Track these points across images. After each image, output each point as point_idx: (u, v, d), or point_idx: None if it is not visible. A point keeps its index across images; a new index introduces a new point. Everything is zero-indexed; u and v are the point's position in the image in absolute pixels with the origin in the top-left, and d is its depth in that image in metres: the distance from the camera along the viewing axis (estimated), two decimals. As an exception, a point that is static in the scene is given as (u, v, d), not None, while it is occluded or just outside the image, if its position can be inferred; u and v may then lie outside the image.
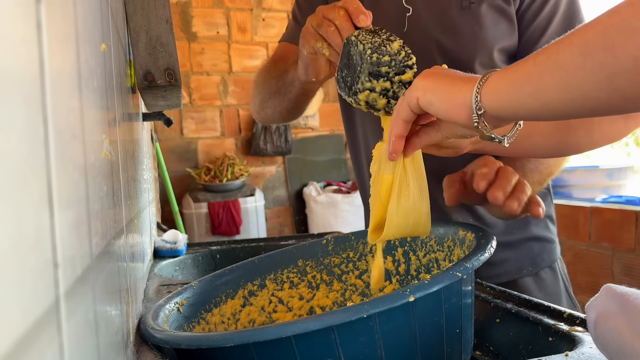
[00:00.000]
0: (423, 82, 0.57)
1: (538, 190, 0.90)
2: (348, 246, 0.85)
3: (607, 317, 0.48)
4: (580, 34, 0.45)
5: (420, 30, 0.96)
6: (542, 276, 1.02)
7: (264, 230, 3.75)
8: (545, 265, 1.02)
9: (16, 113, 0.20)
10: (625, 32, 0.42)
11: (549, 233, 1.05)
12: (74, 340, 0.27)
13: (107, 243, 0.42)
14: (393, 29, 0.97)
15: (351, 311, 0.49)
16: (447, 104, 0.54)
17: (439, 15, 0.94)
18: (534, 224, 1.02)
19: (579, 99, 0.46)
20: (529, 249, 1.01)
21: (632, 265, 2.18)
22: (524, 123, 0.60)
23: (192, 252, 1.32)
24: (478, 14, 0.92)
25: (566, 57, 0.46)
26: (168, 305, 0.70)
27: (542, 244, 1.03)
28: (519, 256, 1.01)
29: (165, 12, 0.84)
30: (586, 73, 0.44)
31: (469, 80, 0.54)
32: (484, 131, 0.54)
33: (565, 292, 1.04)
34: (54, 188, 0.25)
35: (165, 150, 3.61)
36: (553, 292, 1.01)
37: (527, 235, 1.01)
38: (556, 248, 1.06)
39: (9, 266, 0.19)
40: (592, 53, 0.44)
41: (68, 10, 0.32)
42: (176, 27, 3.57)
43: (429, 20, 0.95)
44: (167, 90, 0.87)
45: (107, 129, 0.47)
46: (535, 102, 0.49)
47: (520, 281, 1.00)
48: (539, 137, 0.76)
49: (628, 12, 0.42)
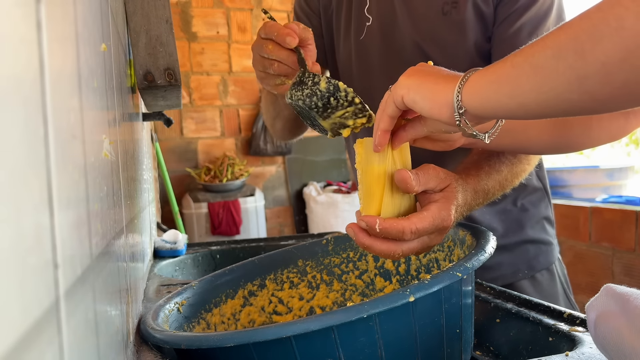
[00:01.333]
0: (408, 81, 0.58)
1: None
2: (348, 246, 0.85)
3: (607, 317, 0.48)
4: (554, 37, 0.47)
5: (402, 36, 0.97)
6: (539, 279, 1.01)
7: (264, 230, 3.75)
8: (542, 268, 1.02)
9: (16, 113, 0.20)
10: (595, 38, 0.43)
11: (546, 235, 1.04)
12: (74, 340, 0.27)
13: (107, 243, 0.42)
14: (356, 36, 1.00)
15: (351, 311, 0.49)
16: (430, 103, 0.56)
17: (420, 20, 0.95)
18: (530, 226, 1.01)
19: (552, 100, 0.48)
20: (525, 251, 1.01)
21: (632, 265, 2.18)
22: None
23: (192, 252, 1.32)
24: (460, 19, 0.92)
25: (540, 59, 0.47)
26: (168, 305, 0.70)
27: (538, 247, 1.02)
28: (515, 260, 1.00)
29: (165, 12, 0.84)
30: (558, 75, 0.46)
31: (451, 80, 0.56)
32: (465, 129, 0.56)
33: (563, 294, 1.03)
34: (54, 188, 0.25)
35: (165, 150, 3.61)
36: (550, 295, 1.01)
37: (523, 238, 1.01)
38: (554, 250, 1.05)
39: (9, 266, 0.19)
40: (564, 56, 0.45)
41: (68, 10, 0.32)
42: (176, 27, 3.57)
43: (410, 25, 0.96)
44: (167, 90, 0.87)
45: (107, 129, 0.47)
46: (512, 102, 0.50)
47: (517, 284, 1.00)
48: (534, 131, 0.76)
49: (597, 17, 0.43)
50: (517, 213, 1.01)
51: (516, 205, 1.02)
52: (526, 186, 1.01)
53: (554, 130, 0.76)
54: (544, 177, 1.05)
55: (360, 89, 0.92)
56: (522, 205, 1.02)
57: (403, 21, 0.96)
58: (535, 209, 1.03)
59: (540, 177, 1.05)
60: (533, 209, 1.02)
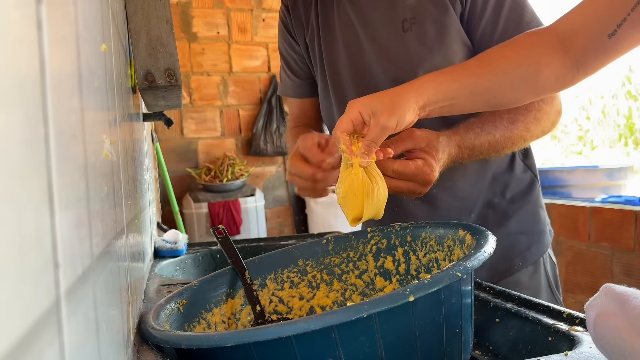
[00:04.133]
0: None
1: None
2: (348, 246, 0.85)
3: (606, 317, 0.48)
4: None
5: (360, 56, 1.00)
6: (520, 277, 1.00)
7: (264, 230, 3.75)
8: (535, 259, 1.01)
9: (17, 113, 0.20)
10: None
11: (538, 224, 1.03)
12: (74, 340, 0.27)
13: (107, 243, 0.42)
14: (328, 66, 1.07)
15: (351, 311, 0.49)
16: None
17: (379, 41, 0.98)
18: (520, 217, 1.00)
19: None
20: (516, 244, 1.00)
21: (632, 265, 2.18)
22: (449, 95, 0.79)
23: (192, 252, 1.32)
24: (420, 34, 0.94)
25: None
26: (169, 305, 0.70)
27: (529, 237, 1.01)
28: (507, 254, 0.99)
29: (166, 13, 0.84)
30: None
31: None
32: None
33: (547, 288, 1.02)
34: (54, 188, 0.25)
35: (165, 150, 3.61)
36: (530, 288, 0.99)
37: (513, 230, 1.00)
38: (546, 238, 1.03)
39: (10, 266, 0.19)
40: None
41: (68, 10, 0.32)
42: (176, 28, 3.57)
43: (368, 46, 0.99)
44: (167, 91, 0.87)
45: (107, 129, 0.47)
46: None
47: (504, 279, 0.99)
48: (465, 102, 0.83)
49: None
50: (506, 205, 1.01)
51: (505, 197, 1.02)
52: (513, 178, 1.02)
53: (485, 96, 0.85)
54: (533, 165, 1.05)
55: None
56: (512, 197, 1.02)
57: (368, 46, 0.99)
58: (525, 200, 1.02)
59: (529, 165, 1.05)
60: (522, 199, 1.02)
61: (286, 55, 1.18)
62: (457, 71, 0.81)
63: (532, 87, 0.81)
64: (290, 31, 1.15)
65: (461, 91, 0.79)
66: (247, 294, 0.80)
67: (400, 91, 0.77)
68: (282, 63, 1.21)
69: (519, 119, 0.91)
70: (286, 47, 1.17)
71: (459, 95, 0.79)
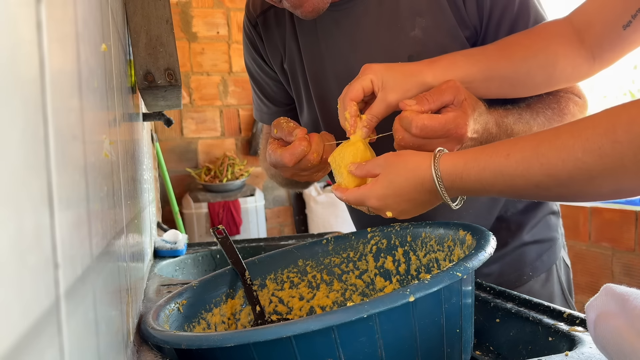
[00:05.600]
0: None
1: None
2: (348, 246, 0.85)
3: (607, 317, 0.48)
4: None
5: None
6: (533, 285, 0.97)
7: (264, 230, 3.75)
8: (546, 268, 0.98)
9: (16, 113, 0.20)
10: None
11: (550, 231, 1.00)
12: (74, 340, 0.27)
13: (107, 243, 0.42)
14: (317, 102, 0.99)
15: (351, 311, 0.49)
16: None
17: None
18: (531, 227, 0.98)
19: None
20: (526, 254, 0.97)
21: (632, 265, 2.18)
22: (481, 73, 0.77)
23: (192, 252, 1.32)
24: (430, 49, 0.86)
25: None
26: (169, 305, 0.70)
27: (540, 246, 0.98)
28: (516, 264, 0.97)
29: (166, 13, 0.84)
30: None
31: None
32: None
33: (560, 293, 0.99)
34: (54, 188, 0.25)
35: (165, 150, 3.61)
36: (544, 296, 0.97)
37: (523, 242, 0.97)
38: (558, 245, 1.01)
39: (9, 266, 0.19)
40: None
41: (68, 10, 0.32)
42: (176, 27, 3.57)
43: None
44: (167, 90, 0.87)
45: (107, 129, 0.47)
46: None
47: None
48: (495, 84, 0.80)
49: None
50: (516, 216, 0.98)
51: (516, 209, 0.98)
52: None
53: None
54: None
55: None
56: (523, 208, 0.98)
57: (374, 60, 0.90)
58: (535, 208, 0.99)
59: None
60: (533, 209, 0.99)
61: (258, 79, 1.08)
62: (475, 55, 0.79)
63: (548, 76, 0.80)
64: (262, 54, 1.04)
65: (476, 75, 0.77)
66: (247, 294, 0.80)
67: (415, 69, 0.74)
68: (254, 86, 1.11)
69: (555, 119, 0.84)
70: (257, 70, 1.07)
71: (474, 79, 0.76)
